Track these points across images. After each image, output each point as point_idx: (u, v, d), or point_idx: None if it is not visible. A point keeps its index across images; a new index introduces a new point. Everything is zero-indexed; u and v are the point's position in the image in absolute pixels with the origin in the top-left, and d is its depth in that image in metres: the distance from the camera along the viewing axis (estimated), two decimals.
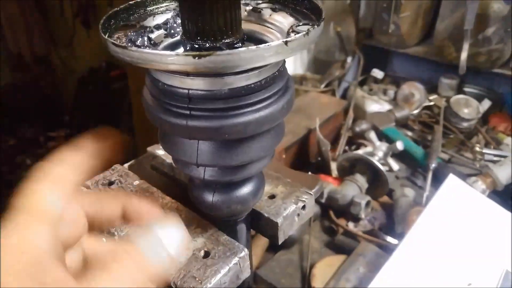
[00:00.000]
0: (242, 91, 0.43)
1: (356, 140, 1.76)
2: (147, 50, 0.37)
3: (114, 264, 0.33)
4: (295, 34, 0.43)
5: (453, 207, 1.21)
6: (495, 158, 1.54)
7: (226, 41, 0.44)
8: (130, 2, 0.51)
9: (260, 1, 0.55)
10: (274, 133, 0.51)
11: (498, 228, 1.18)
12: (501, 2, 1.74)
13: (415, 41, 2.11)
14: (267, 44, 0.37)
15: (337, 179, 1.54)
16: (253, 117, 0.44)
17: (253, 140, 0.48)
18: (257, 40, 0.52)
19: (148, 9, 0.53)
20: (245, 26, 0.51)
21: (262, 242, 1.30)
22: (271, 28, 0.52)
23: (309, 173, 1.52)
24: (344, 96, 2.11)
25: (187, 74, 0.41)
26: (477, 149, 1.53)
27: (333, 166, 1.58)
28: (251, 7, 0.53)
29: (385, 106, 1.90)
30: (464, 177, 1.34)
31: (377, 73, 2.11)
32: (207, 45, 0.44)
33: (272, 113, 0.46)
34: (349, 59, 2.09)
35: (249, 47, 0.36)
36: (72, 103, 3.38)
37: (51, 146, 3.59)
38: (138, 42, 0.46)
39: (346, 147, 1.73)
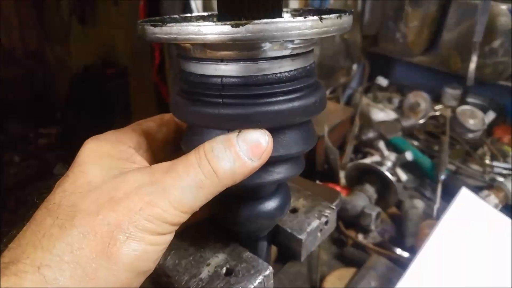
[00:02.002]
0: (275, 78, 0.42)
1: (362, 148, 1.74)
2: (184, 23, 0.37)
3: (189, 161, 0.40)
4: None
5: (468, 221, 1.20)
6: (504, 171, 1.54)
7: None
8: (165, 17, 0.50)
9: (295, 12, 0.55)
10: (305, 132, 0.49)
11: None
12: (508, 16, 1.75)
13: (420, 50, 2.11)
14: (303, 17, 0.37)
15: (345, 188, 1.52)
16: (286, 106, 0.43)
17: (284, 134, 0.47)
18: None
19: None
20: None
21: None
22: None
23: (317, 181, 1.50)
24: (348, 102, 2.10)
25: (221, 59, 0.41)
26: (487, 161, 1.52)
27: (341, 174, 1.56)
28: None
29: (391, 115, 1.89)
30: (473, 189, 1.33)
31: (382, 81, 2.11)
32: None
33: (304, 105, 0.44)
34: (354, 66, 2.07)
35: (287, 18, 0.36)
36: (65, 100, 3.31)
37: (41, 143, 3.51)
38: None
39: (353, 155, 1.72)
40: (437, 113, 1.93)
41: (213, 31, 0.36)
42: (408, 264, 1.11)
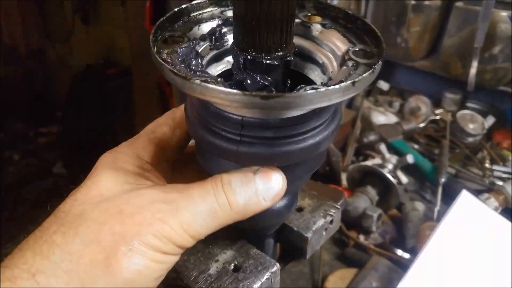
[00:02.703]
0: (295, 120, 0.42)
1: (363, 151, 1.75)
2: (211, 85, 0.36)
3: (205, 187, 0.41)
4: (352, 63, 0.42)
5: (468, 224, 1.21)
6: (504, 175, 1.56)
7: (279, 54, 0.44)
8: (175, 10, 0.49)
9: (309, 14, 0.54)
10: (317, 157, 0.50)
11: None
12: (508, 23, 1.77)
13: (421, 55, 2.12)
14: (336, 85, 0.36)
15: (347, 190, 1.53)
16: (304, 145, 0.43)
17: (299, 165, 0.48)
18: (306, 57, 0.51)
19: (192, 15, 0.51)
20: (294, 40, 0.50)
21: None
22: (323, 47, 0.50)
23: (320, 183, 1.51)
24: (349, 106, 2.11)
25: None
26: (487, 165, 1.54)
27: (343, 176, 1.58)
28: (299, 20, 0.52)
29: (392, 118, 1.90)
30: (473, 192, 1.34)
31: (383, 85, 2.12)
32: (261, 57, 0.43)
33: (321, 140, 0.45)
34: None
35: (318, 90, 0.35)
36: (66, 99, 3.31)
37: (41, 142, 3.51)
38: (188, 60, 0.44)
39: (354, 158, 1.73)
40: (438, 117, 1.95)
41: (240, 100, 0.35)
42: (408, 265, 1.12)
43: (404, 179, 1.58)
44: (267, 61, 0.44)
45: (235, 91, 0.35)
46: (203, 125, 0.45)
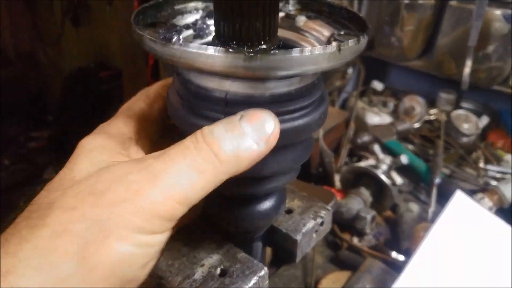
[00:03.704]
0: (283, 97, 0.40)
1: (357, 151, 1.74)
2: (192, 46, 0.34)
3: (185, 145, 0.35)
4: (335, 42, 0.41)
5: (462, 224, 1.20)
6: (498, 175, 1.54)
7: (263, 46, 0.42)
8: (158, 0, 0.48)
9: (292, 8, 0.53)
10: (305, 145, 0.49)
11: (507, 246, 1.17)
12: (502, 21, 1.76)
13: (415, 54, 2.11)
14: (321, 48, 0.35)
15: (340, 191, 1.51)
16: (292, 125, 0.41)
17: (285, 150, 0.45)
18: (291, 47, 0.50)
19: (176, 7, 0.50)
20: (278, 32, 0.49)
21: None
22: (307, 36, 0.49)
23: (312, 184, 1.49)
24: (343, 106, 2.10)
25: (227, 75, 0.38)
26: (481, 165, 1.53)
27: (336, 177, 1.55)
28: (283, 13, 0.51)
29: (386, 119, 1.89)
30: (468, 192, 1.33)
31: (377, 85, 2.11)
32: (244, 50, 0.41)
33: (309, 122, 0.43)
34: (350, 70, 2.08)
35: (304, 49, 0.34)
36: (58, 103, 3.28)
37: (31, 147, 3.47)
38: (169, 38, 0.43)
39: (347, 159, 1.71)
40: (432, 117, 1.94)
41: (223, 61, 0.33)
42: (403, 267, 1.11)
43: (398, 180, 1.56)
44: (250, 54, 0.42)
45: (218, 49, 0.33)
46: (185, 107, 0.42)
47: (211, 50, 0.33)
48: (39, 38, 3.43)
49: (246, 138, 0.36)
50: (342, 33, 0.45)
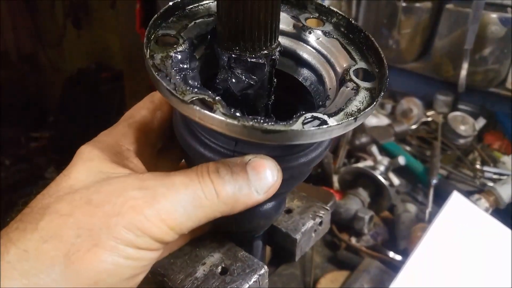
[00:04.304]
0: (289, 145, 0.41)
1: (355, 153, 1.75)
2: (211, 114, 0.34)
3: (189, 176, 0.36)
4: (353, 86, 0.42)
5: (459, 225, 1.21)
6: (494, 176, 1.56)
7: (264, 52, 0.43)
8: (169, 4, 0.47)
9: (311, 16, 0.53)
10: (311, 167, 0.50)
11: (502, 246, 1.19)
12: (498, 24, 1.78)
13: (412, 57, 2.14)
14: (339, 122, 0.36)
15: (338, 192, 1.53)
16: (296, 163, 0.43)
17: (291, 179, 0.47)
18: (303, 63, 0.50)
19: (187, 8, 0.50)
20: (286, 42, 0.49)
21: None
22: (321, 57, 0.49)
23: (310, 184, 1.51)
24: None
25: None
26: (478, 166, 1.54)
27: (334, 178, 1.57)
28: (300, 24, 0.51)
29: (383, 120, 1.91)
30: (465, 193, 1.35)
31: None
32: (245, 56, 0.43)
33: (315, 157, 0.45)
34: None
35: (322, 127, 0.34)
36: (58, 104, 3.29)
37: (32, 147, 3.48)
38: (184, 70, 0.42)
39: (345, 160, 1.73)
40: (429, 119, 1.96)
41: (239, 131, 0.34)
42: (400, 267, 1.12)
43: (395, 181, 1.58)
44: (252, 60, 0.43)
45: (235, 122, 0.34)
46: (193, 134, 0.43)
47: (229, 120, 0.34)
48: (40, 40, 3.44)
49: (249, 186, 0.37)
50: (358, 67, 0.45)
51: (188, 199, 0.35)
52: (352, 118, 0.36)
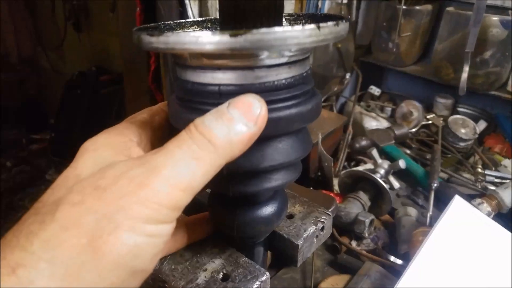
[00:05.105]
0: (273, 86, 0.42)
1: (355, 156, 1.75)
2: (182, 32, 0.38)
3: (180, 138, 0.37)
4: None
5: (461, 229, 1.21)
6: (496, 180, 1.56)
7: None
8: (158, 23, 0.50)
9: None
10: (302, 139, 0.50)
11: (506, 251, 1.18)
12: (499, 27, 1.78)
13: (412, 60, 2.14)
14: (301, 26, 0.37)
15: (338, 195, 1.52)
16: (283, 114, 0.43)
17: (281, 141, 0.47)
18: None
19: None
20: None
21: None
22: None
23: (311, 188, 1.51)
24: (341, 111, 2.12)
25: (218, 68, 0.41)
26: (479, 170, 1.54)
27: (334, 182, 1.57)
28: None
29: (383, 123, 1.90)
30: (466, 197, 1.34)
31: (374, 90, 2.13)
32: None
33: (302, 112, 0.45)
34: (347, 75, 2.09)
35: (284, 27, 0.36)
36: (58, 106, 3.29)
37: (33, 149, 3.49)
38: None
39: (345, 163, 1.73)
40: (429, 122, 1.96)
41: (211, 40, 0.36)
42: (401, 271, 1.11)
43: (396, 184, 1.57)
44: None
45: (204, 32, 0.36)
46: (183, 106, 0.45)
47: (200, 32, 0.36)
48: (41, 43, 3.45)
49: (236, 123, 0.37)
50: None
51: (186, 157, 0.35)
52: (315, 25, 0.37)
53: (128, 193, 0.34)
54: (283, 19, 0.55)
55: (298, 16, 0.56)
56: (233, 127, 0.37)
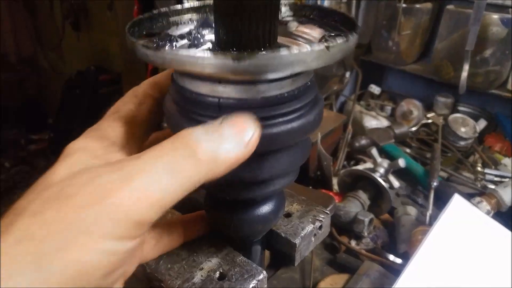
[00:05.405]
0: (275, 100, 0.40)
1: (354, 155, 1.74)
2: (182, 51, 0.35)
3: (162, 146, 0.34)
4: (326, 43, 0.42)
5: (460, 228, 1.20)
6: (496, 179, 1.55)
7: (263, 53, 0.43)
8: (154, 11, 0.49)
9: (284, 15, 0.54)
10: (302, 147, 0.49)
11: (505, 250, 1.18)
12: (499, 25, 1.77)
13: (412, 58, 2.13)
14: (309, 48, 0.35)
15: (338, 194, 1.52)
16: (286, 128, 0.42)
17: (281, 153, 0.46)
18: None
19: (171, 19, 0.51)
20: None
21: None
22: (299, 40, 0.50)
23: (310, 188, 1.50)
24: (340, 110, 2.11)
25: (219, 81, 0.39)
26: (479, 169, 1.53)
27: (334, 181, 1.56)
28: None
29: (383, 122, 1.90)
30: (465, 196, 1.34)
31: (374, 89, 2.12)
32: None
33: (304, 124, 0.43)
34: (347, 74, 2.09)
35: (291, 51, 0.34)
36: (58, 106, 3.29)
37: (32, 149, 3.48)
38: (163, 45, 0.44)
39: (345, 162, 1.72)
40: (429, 121, 1.95)
41: (212, 63, 0.34)
42: (400, 271, 1.11)
43: (396, 183, 1.56)
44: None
45: (206, 53, 0.33)
46: (181, 114, 0.43)
47: (200, 53, 0.34)
48: (39, 43, 3.44)
49: (225, 141, 0.35)
50: (333, 34, 0.46)
51: (163, 168, 0.32)
52: (324, 46, 0.35)
53: (91, 202, 0.31)
54: (287, 7, 0.53)
55: (302, 8, 0.53)
56: (222, 145, 0.35)
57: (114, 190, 0.31)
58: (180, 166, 0.33)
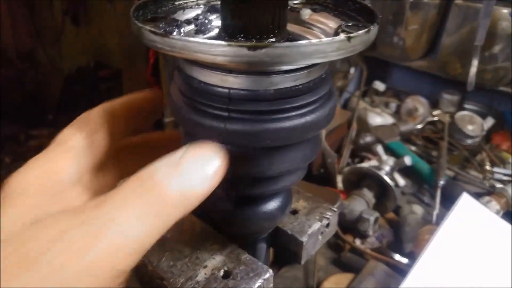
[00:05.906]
0: (289, 92, 0.38)
1: (359, 152, 1.71)
2: (192, 39, 0.33)
3: (127, 190, 0.31)
4: (345, 34, 0.39)
5: (469, 227, 1.17)
6: (505, 178, 1.52)
7: (272, 40, 0.40)
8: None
9: (297, 1, 0.51)
10: (313, 142, 0.47)
11: None
12: (509, 20, 1.74)
13: (418, 55, 2.09)
14: (330, 38, 0.33)
15: (342, 192, 1.49)
16: (299, 122, 0.39)
17: (292, 148, 0.44)
18: (295, 41, 0.48)
19: (176, 2, 0.49)
20: None
21: None
22: (312, 29, 0.48)
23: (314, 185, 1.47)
24: (345, 106, 2.08)
25: (229, 71, 0.37)
26: (487, 167, 1.50)
27: (338, 178, 1.53)
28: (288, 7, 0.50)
29: (388, 119, 1.87)
30: (473, 195, 1.30)
31: (379, 85, 2.09)
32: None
33: (318, 118, 0.40)
34: (352, 70, 2.05)
35: (311, 41, 0.32)
36: (57, 101, 3.28)
37: (31, 145, 3.48)
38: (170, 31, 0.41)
39: (349, 160, 1.69)
40: (435, 119, 1.92)
41: (226, 52, 0.32)
42: (406, 270, 1.08)
43: (401, 181, 1.54)
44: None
45: (219, 42, 0.31)
46: (188, 105, 0.41)
47: (213, 41, 0.32)
48: (39, 38, 3.42)
49: (188, 178, 0.33)
50: (350, 24, 0.44)
51: (134, 215, 0.31)
52: (345, 37, 0.33)
53: (64, 263, 0.28)
54: None
55: None
56: (186, 182, 0.33)
57: (88, 248, 0.29)
58: (150, 211, 0.31)
